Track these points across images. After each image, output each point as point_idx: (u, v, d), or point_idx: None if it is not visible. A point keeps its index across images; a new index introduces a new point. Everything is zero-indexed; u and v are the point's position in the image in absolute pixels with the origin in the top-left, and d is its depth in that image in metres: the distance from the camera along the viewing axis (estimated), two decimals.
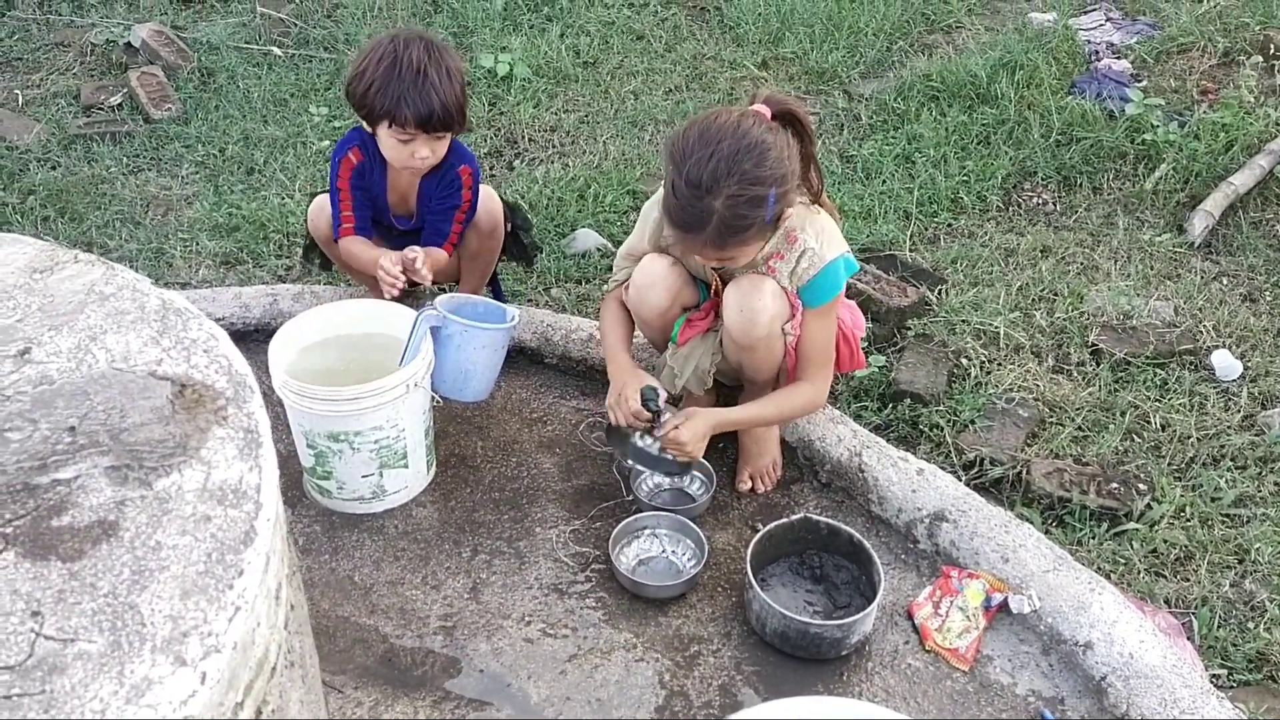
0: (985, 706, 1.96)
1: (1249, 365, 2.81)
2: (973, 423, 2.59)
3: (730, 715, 1.88)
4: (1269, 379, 2.76)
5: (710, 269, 2.22)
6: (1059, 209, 3.48)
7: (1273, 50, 3.92)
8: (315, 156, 3.80)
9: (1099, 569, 2.23)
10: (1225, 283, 3.14)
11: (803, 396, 2.26)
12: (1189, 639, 2.11)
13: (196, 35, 4.63)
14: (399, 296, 2.44)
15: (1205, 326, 2.92)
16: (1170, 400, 2.69)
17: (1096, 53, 4.20)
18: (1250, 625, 2.16)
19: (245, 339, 2.63)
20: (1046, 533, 2.29)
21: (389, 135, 2.38)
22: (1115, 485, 2.40)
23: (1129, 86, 3.88)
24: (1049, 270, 3.14)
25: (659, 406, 2.19)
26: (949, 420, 2.60)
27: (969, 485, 2.35)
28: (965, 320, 2.91)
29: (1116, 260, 3.21)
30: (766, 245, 2.11)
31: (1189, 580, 2.25)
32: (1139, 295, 3.02)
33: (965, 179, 3.53)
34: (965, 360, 2.78)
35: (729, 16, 4.65)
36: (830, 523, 2.18)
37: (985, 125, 3.76)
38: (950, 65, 4.05)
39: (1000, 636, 2.07)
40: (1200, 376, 2.77)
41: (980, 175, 3.54)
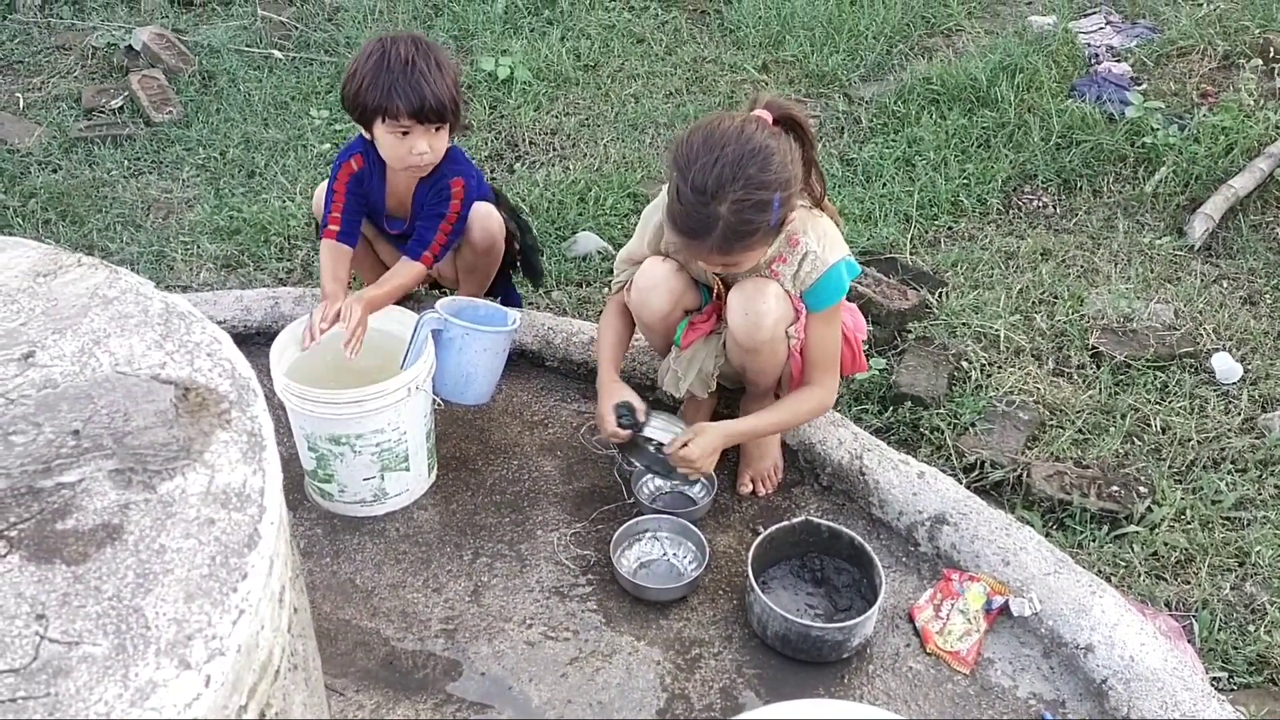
0: (986, 709, 1.96)
1: (1249, 368, 2.81)
2: (973, 425, 2.59)
3: (731, 718, 1.88)
4: (1269, 382, 2.76)
5: (713, 273, 2.23)
6: (1059, 212, 3.48)
7: (1272, 53, 3.92)
8: (316, 159, 3.80)
9: (1100, 572, 2.24)
10: (1225, 285, 3.14)
11: (812, 401, 2.26)
12: (1190, 642, 2.11)
13: (197, 38, 4.64)
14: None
15: (1205, 329, 2.92)
16: (1170, 403, 2.69)
17: (1096, 56, 4.21)
18: (1251, 628, 2.16)
19: (247, 342, 2.63)
20: (1047, 535, 2.29)
21: (386, 133, 2.35)
22: (1116, 488, 2.40)
23: (1129, 89, 3.89)
24: (1049, 273, 3.15)
25: (633, 421, 2.20)
26: (949, 423, 2.61)
27: (970, 488, 2.35)
28: (966, 323, 2.91)
29: (1117, 263, 3.22)
30: (769, 249, 2.11)
31: (1189, 583, 2.25)
32: (1139, 298, 3.03)
33: (965, 182, 3.53)
34: (966, 363, 2.78)
35: (729, 20, 4.65)
36: (831, 525, 2.18)
37: (985, 128, 3.76)
38: (950, 68, 4.05)
39: (1001, 639, 2.07)
40: (1200, 379, 2.78)
41: (980, 178, 3.55)
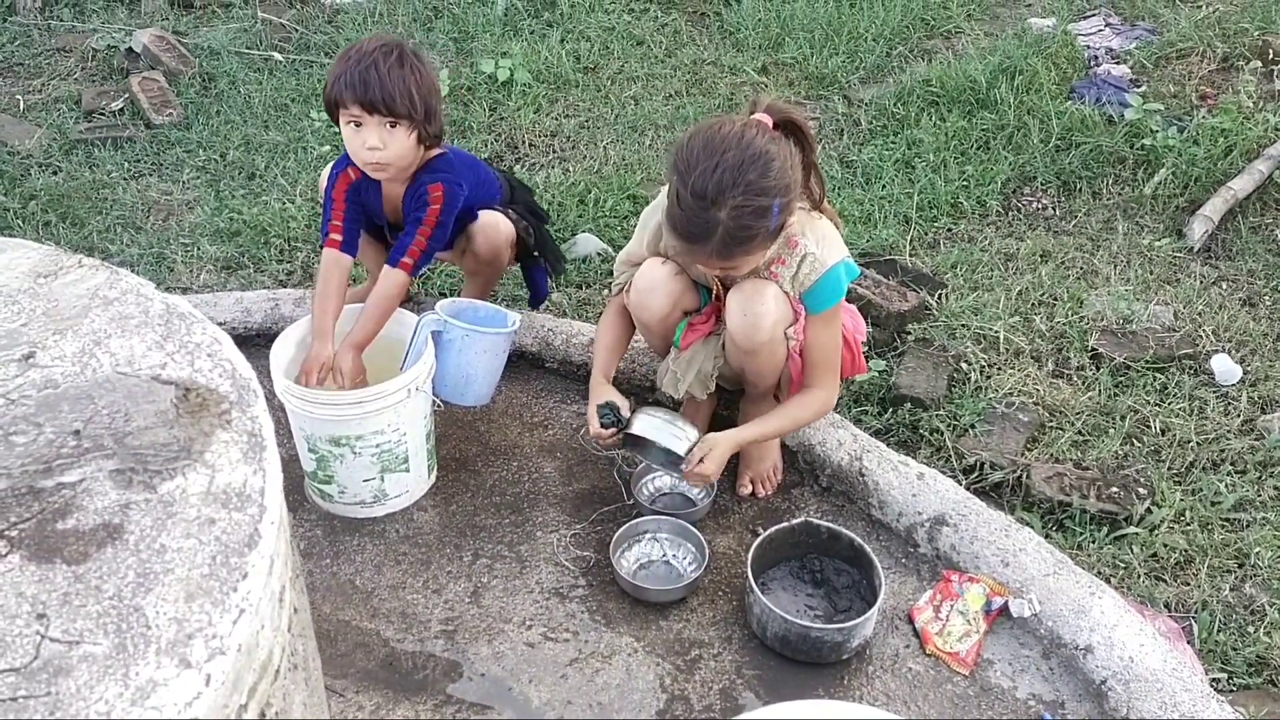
0: (986, 710, 1.96)
1: (1248, 369, 2.81)
2: (973, 427, 2.59)
3: (731, 719, 1.88)
4: (1268, 383, 2.76)
5: (713, 276, 2.23)
6: (1058, 214, 3.49)
7: (1271, 55, 3.93)
8: (316, 162, 3.80)
9: (1099, 573, 2.24)
10: (1225, 287, 3.15)
11: (815, 403, 2.26)
12: (1189, 643, 2.11)
13: (198, 40, 4.64)
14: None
15: (1205, 331, 2.92)
16: (1170, 405, 2.69)
17: (1096, 58, 4.21)
18: (1250, 629, 2.16)
19: (247, 343, 2.63)
20: (1046, 537, 2.29)
21: (343, 125, 2.34)
22: (1115, 489, 2.40)
23: (1128, 91, 3.89)
24: (1049, 275, 3.15)
25: (615, 419, 2.22)
26: (949, 424, 2.61)
27: (969, 489, 2.36)
28: (965, 325, 2.92)
29: (1116, 265, 3.22)
30: (768, 253, 2.11)
31: (1189, 584, 2.25)
32: (1138, 300, 3.03)
33: (965, 184, 3.54)
34: (965, 365, 2.78)
35: (729, 22, 4.66)
36: (831, 527, 2.18)
37: (985, 130, 3.77)
38: (950, 70, 4.06)
39: (1000, 640, 2.08)
40: (1200, 381, 2.78)
41: (980, 180, 3.55)
